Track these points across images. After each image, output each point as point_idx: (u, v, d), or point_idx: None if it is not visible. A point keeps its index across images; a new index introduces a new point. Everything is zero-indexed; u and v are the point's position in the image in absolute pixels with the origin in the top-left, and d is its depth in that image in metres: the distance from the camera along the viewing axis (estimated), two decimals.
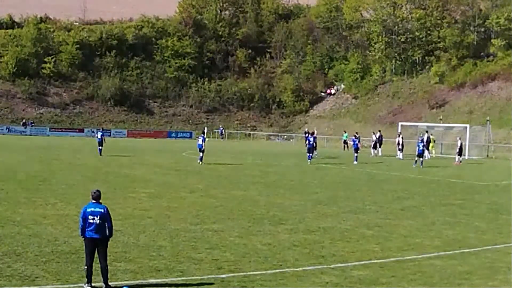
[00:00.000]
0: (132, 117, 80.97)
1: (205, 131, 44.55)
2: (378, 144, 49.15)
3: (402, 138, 46.69)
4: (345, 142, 56.94)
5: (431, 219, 17.82)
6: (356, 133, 46.65)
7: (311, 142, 38.36)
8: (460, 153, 42.89)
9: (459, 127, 54.29)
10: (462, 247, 14.01)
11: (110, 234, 10.02)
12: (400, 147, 45.76)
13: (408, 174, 32.41)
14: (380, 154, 48.40)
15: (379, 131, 52.05)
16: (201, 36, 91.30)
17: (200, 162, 33.88)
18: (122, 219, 15.70)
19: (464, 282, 11.02)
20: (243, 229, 15.27)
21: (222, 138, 73.63)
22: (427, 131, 48.24)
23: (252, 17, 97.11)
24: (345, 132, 58.99)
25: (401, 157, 44.91)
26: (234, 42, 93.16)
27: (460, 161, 42.53)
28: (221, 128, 76.00)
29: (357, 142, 40.88)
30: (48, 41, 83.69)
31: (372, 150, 49.42)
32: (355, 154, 39.68)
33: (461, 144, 43.33)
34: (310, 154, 38.15)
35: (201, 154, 34.19)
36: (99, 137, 39.60)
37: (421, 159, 37.81)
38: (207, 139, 34.26)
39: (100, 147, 38.92)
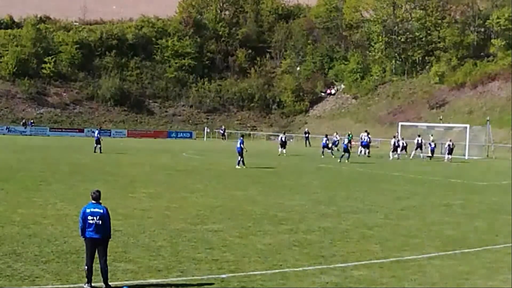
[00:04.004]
0: (132, 117, 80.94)
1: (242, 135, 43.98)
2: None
3: (400, 138, 47.05)
4: (349, 142, 56.99)
5: (431, 219, 17.82)
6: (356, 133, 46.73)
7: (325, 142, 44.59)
8: (450, 152, 44.73)
9: (459, 127, 54.28)
10: (462, 247, 14.01)
11: (109, 236, 10.01)
12: (401, 147, 46.23)
13: (408, 174, 32.41)
14: (367, 154, 48.47)
15: (366, 131, 52.31)
16: (201, 36, 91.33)
17: (238, 166, 32.79)
18: (122, 219, 15.70)
19: (464, 282, 11.02)
20: (243, 229, 15.26)
21: (223, 138, 73.48)
22: (419, 135, 48.42)
23: (252, 17, 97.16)
24: (349, 133, 59.08)
25: (397, 156, 45.37)
26: (234, 42, 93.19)
27: (450, 160, 44.05)
28: (223, 128, 75.69)
29: (346, 142, 42.22)
30: (48, 41, 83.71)
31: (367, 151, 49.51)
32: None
33: (450, 144, 45.08)
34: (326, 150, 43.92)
35: (239, 157, 33.15)
36: (96, 135, 42.24)
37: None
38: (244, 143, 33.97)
39: (97, 145, 41.11)
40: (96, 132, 43.28)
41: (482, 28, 78.76)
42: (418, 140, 47.03)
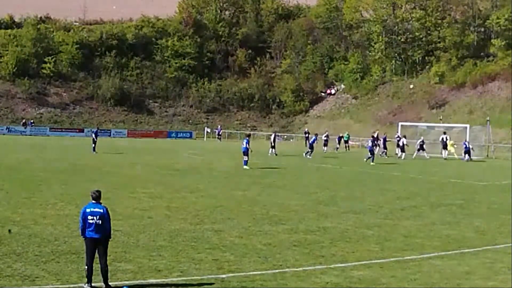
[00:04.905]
0: (132, 117, 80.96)
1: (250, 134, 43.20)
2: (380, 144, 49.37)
3: (402, 138, 47.06)
4: (346, 142, 57.33)
5: (431, 219, 17.82)
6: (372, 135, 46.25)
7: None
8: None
9: (459, 127, 54.28)
10: (462, 247, 14.01)
11: (109, 236, 10.01)
12: (418, 147, 47.11)
13: (408, 174, 32.42)
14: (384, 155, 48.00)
15: (377, 131, 52.12)
16: (201, 36, 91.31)
17: (246, 167, 32.43)
18: (122, 219, 15.70)
19: (464, 282, 11.02)
20: (243, 229, 15.26)
21: (218, 138, 72.44)
22: (445, 132, 48.46)
23: (252, 17, 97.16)
24: (348, 134, 59.23)
25: (402, 156, 45.34)
26: (234, 42, 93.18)
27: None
28: (219, 128, 74.81)
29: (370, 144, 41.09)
30: (48, 41, 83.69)
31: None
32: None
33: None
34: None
35: (245, 157, 32.79)
36: (93, 135, 43.34)
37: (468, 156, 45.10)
38: (250, 142, 33.59)
39: (94, 145, 41.73)
40: (93, 132, 44.25)
41: (482, 28, 78.73)
42: (443, 139, 46.98)
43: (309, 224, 16.19)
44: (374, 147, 40.90)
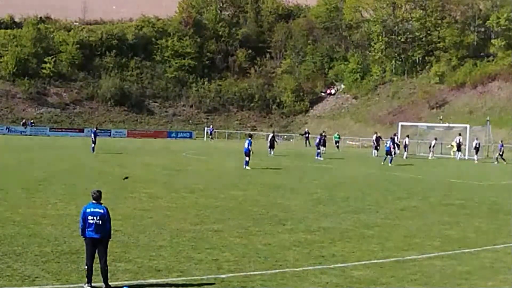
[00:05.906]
0: (132, 117, 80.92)
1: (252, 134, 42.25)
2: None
3: (405, 138, 47.25)
4: (336, 142, 57.56)
5: (431, 219, 17.82)
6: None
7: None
8: (477, 152, 45.99)
9: (459, 127, 54.28)
10: (462, 247, 14.01)
11: (109, 236, 10.01)
12: (431, 147, 47.58)
13: (408, 174, 32.42)
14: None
15: (380, 131, 52.19)
16: (201, 36, 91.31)
17: (246, 167, 32.34)
18: (122, 219, 15.69)
19: (464, 282, 11.02)
20: (243, 229, 15.26)
21: (211, 138, 71.87)
22: (460, 134, 48.53)
23: (252, 17, 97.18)
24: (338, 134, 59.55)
25: (404, 156, 45.59)
26: (234, 42, 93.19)
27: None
28: (211, 128, 74.37)
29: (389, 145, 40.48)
30: (48, 41, 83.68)
31: (374, 151, 49.35)
32: (318, 150, 42.81)
33: (477, 143, 45.95)
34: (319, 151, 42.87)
35: (247, 158, 32.70)
36: (92, 135, 43.08)
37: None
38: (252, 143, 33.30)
39: (93, 145, 41.57)
40: (92, 132, 43.81)
41: (482, 28, 78.78)
42: (459, 140, 47.01)
43: (309, 224, 16.19)
44: (393, 149, 40.29)
